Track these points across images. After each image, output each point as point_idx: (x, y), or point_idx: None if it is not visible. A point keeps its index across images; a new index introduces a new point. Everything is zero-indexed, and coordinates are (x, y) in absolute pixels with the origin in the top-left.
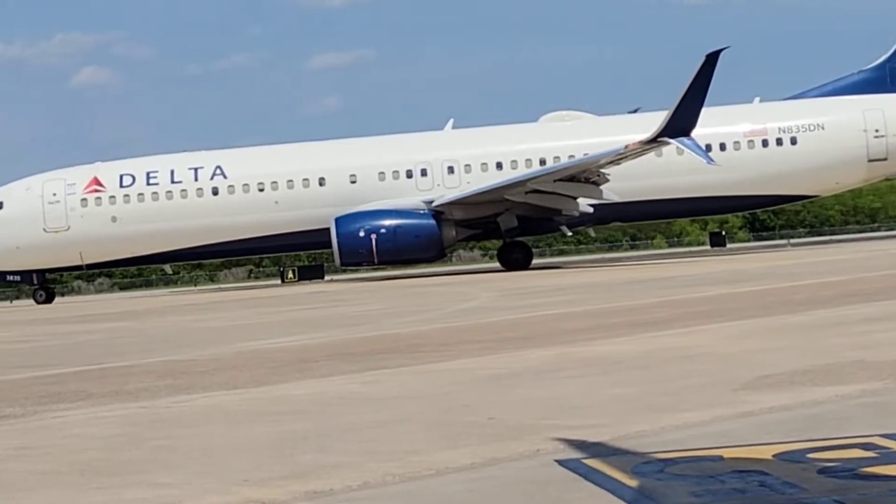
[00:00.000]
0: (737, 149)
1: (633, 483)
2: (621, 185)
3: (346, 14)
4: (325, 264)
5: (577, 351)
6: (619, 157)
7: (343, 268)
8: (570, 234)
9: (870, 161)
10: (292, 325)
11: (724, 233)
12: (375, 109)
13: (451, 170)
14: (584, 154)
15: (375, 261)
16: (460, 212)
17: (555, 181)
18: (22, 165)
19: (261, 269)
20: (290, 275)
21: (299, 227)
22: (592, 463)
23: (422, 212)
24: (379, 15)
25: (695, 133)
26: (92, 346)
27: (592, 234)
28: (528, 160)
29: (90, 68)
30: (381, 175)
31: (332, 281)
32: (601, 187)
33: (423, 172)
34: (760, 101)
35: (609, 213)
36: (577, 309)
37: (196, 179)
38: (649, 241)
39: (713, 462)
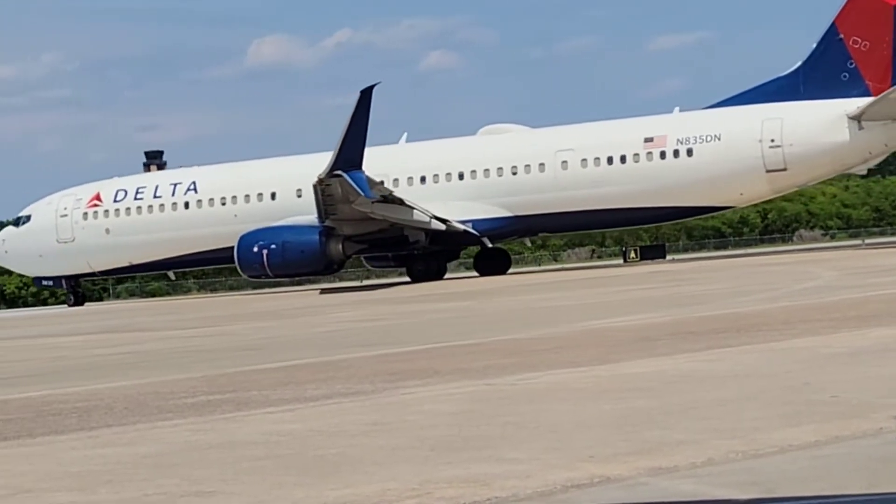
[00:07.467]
0: (636, 161)
1: None
2: (541, 198)
3: None
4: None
5: None
6: (323, 193)
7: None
8: (490, 245)
9: (768, 171)
10: (634, 304)
11: None
12: (719, 90)
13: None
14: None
15: (270, 275)
16: (349, 227)
17: (373, 202)
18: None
19: (603, 248)
20: (633, 254)
21: None
22: None
23: (312, 228)
24: None
25: (605, 142)
26: (437, 324)
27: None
28: (449, 174)
29: (436, 52)
30: None
31: (673, 261)
32: (414, 210)
33: None
34: (680, 111)
35: (534, 225)
36: None
37: (173, 194)
38: None
39: None
